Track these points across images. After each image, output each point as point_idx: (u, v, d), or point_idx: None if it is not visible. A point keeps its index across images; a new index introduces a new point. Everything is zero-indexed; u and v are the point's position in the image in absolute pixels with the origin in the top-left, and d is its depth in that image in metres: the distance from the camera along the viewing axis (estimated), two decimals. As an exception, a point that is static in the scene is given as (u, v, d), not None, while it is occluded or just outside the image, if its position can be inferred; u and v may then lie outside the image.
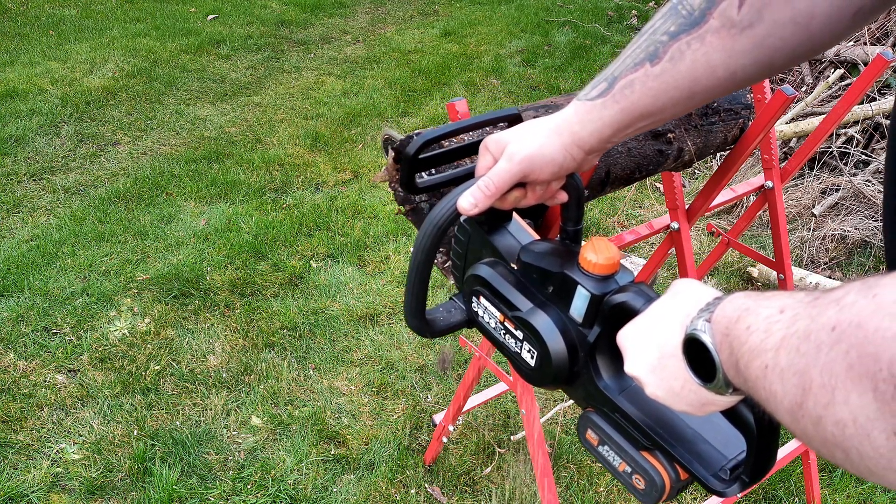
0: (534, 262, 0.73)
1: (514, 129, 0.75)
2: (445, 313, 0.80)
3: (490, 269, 0.76)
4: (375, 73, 5.07)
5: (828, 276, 3.06)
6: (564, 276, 0.70)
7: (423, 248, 0.72)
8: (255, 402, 2.30)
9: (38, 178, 3.53)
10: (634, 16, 6.54)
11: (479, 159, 0.77)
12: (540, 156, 0.72)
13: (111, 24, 5.63)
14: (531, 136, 0.73)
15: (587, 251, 0.69)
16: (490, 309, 0.76)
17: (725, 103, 1.50)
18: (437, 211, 0.72)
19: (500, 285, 0.74)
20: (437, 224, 0.71)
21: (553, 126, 0.74)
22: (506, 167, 0.72)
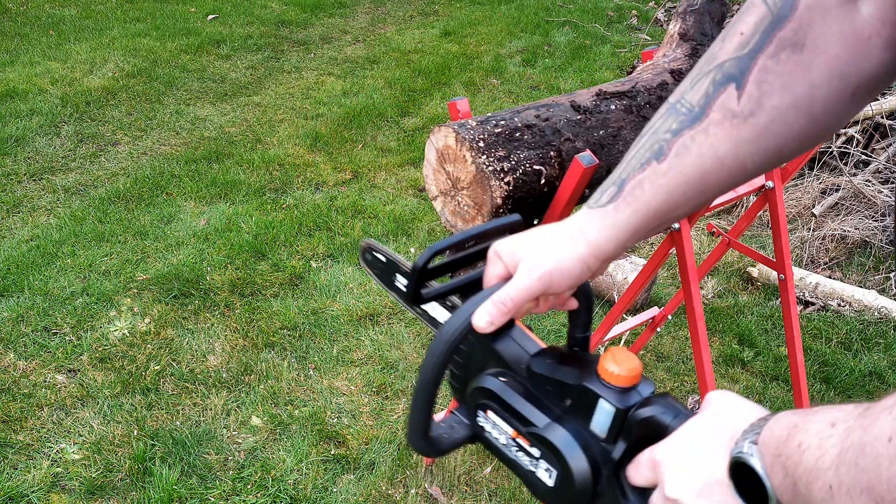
0: (548, 373, 0.69)
1: (525, 238, 0.72)
2: (448, 429, 0.76)
3: (498, 382, 0.72)
4: (375, 73, 5.07)
5: (828, 275, 3.06)
6: (584, 388, 0.66)
7: (434, 366, 0.68)
8: (255, 402, 2.30)
9: (38, 178, 3.53)
10: (634, 16, 6.54)
11: (489, 267, 0.74)
12: (558, 270, 0.70)
13: (111, 24, 5.63)
14: (547, 249, 0.70)
15: (608, 362, 0.65)
16: (500, 424, 0.71)
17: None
18: (449, 328, 0.68)
19: (511, 399, 0.70)
20: (449, 341, 0.68)
21: (567, 236, 0.71)
22: (524, 284, 0.69)
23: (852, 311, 2.84)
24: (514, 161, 1.23)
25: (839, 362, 2.59)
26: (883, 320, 2.79)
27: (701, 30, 1.59)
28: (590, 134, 1.32)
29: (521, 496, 2.04)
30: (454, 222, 1.32)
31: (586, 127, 1.32)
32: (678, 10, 1.64)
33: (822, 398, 2.44)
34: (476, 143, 1.21)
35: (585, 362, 0.68)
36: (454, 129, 1.22)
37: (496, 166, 1.21)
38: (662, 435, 0.61)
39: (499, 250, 0.73)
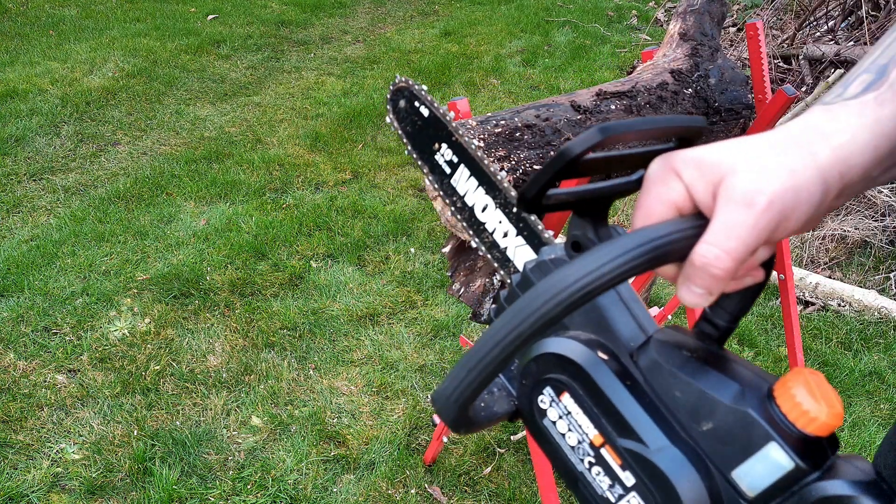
0: (685, 372, 0.45)
1: (725, 146, 0.46)
2: (486, 396, 0.53)
3: (593, 355, 0.47)
4: (375, 73, 5.07)
5: (828, 275, 3.06)
6: (747, 418, 0.43)
7: (540, 318, 0.41)
8: (255, 402, 2.30)
9: (38, 178, 3.53)
10: (634, 16, 6.54)
11: (656, 186, 0.46)
12: (794, 191, 0.43)
13: (111, 24, 5.63)
14: (771, 158, 0.44)
15: (800, 390, 0.42)
16: (577, 418, 0.48)
17: (727, 103, 1.50)
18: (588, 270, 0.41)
19: (611, 388, 0.46)
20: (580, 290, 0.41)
21: (800, 139, 0.46)
22: (750, 219, 0.42)
23: (852, 311, 2.84)
24: (515, 161, 1.23)
25: (839, 362, 2.59)
26: (883, 320, 2.79)
27: (701, 30, 1.59)
28: (590, 134, 1.32)
29: (522, 497, 2.04)
30: (454, 222, 1.32)
31: (586, 127, 1.32)
32: (678, 10, 1.64)
33: (822, 398, 2.43)
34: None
35: (748, 374, 0.45)
36: (454, 129, 1.22)
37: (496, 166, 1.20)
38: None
39: (676, 161, 0.46)
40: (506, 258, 0.96)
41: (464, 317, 2.70)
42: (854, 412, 2.39)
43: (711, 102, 1.48)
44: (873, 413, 2.41)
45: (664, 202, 0.45)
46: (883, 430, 2.34)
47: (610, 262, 0.40)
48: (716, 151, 0.45)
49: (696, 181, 0.44)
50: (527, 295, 0.41)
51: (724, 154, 0.45)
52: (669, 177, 0.46)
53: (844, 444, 2.27)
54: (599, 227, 0.50)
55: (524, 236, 0.93)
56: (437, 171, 0.94)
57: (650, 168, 0.47)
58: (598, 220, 0.50)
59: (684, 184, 0.45)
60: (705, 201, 0.44)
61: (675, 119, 0.49)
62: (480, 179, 0.93)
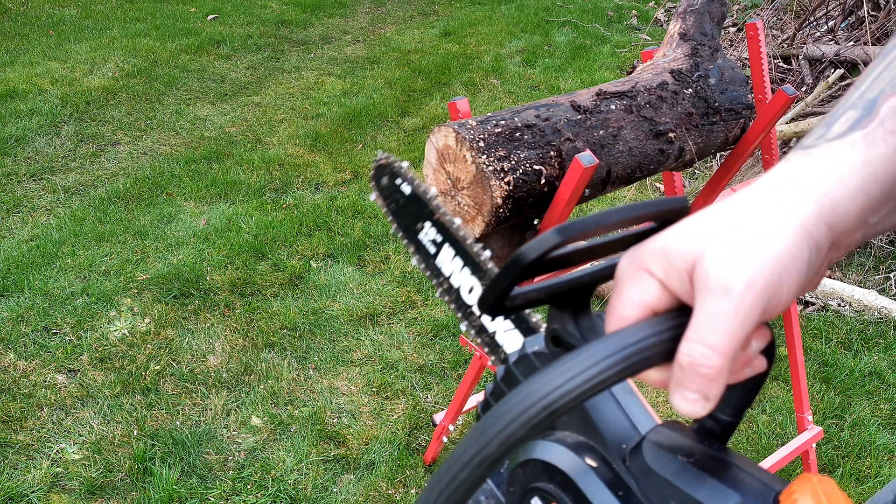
0: (678, 481, 0.40)
1: (688, 224, 0.40)
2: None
3: (580, 462, 0.43)
4: (375, 73, 5.07)
5: (828, 275, 3.06)
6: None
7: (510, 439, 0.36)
8: (255, 402, 2.30)
9: (38, 178, 3.53)
10: (634, 16, 6.54)
11: (627, 287, 0.41)
12: (777, 260, 0.38)
13: (111, 24, 5.63)
14: (743, 229, 0.39)
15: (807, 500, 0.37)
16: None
17: (727, 103, 1.50)
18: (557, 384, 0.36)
19: (600, 501, 0.42)
20: (551, 406, 0.36)
21: (773, 198, 0.40)
22: (732, 307, 0.37)
23: (852, 311, 2.84)
24: (515, 161, 1.23)
25: (839, 362, 2.59)
26: (883, 320, 2.79)
27: (701, 30, 1.59)
28: (590, 134, 1.32)
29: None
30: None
31: (586, 127, 1.32)
32: (678, 10, 1.64)
33: (822, 398, 2.44)
34: (476, 143, 1.21)
35: (752, 482, 0.40)
36: (454, 128, 1.22)
37: (496, 166, 1.21)
38: None
39: (643, 256, 0.41)
40: (495, 343, 0.90)
41: (464, 317, 2.70)
42: (854, 412, 2.39)
43: (711, 102, 1.48)
44: (873, 413, 2.40)
45: (636, 304, 0.40)
46: (883, 429, 2.34)
47: (581, 374, 0.36)
48: (683, 235, 0.40)
49: (668, 275, 0.39)
50: (493, 412, 0.37)
51: (692, 236, 0.39)
52: (639, 275, 0.40)
53: (844, 444, 2.27)
54: (580, 318, 0.45)
55: (512, 320, 0.87)
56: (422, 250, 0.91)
57: (618, 267, 0.42)
58: (579, 310, 0.45)
59: (657, 280, 0.40)
60: (685, 292, 0.39)
61: (644, 205, 0.43)
62: (465, 259, 0.90)
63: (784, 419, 2.34)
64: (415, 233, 0.88)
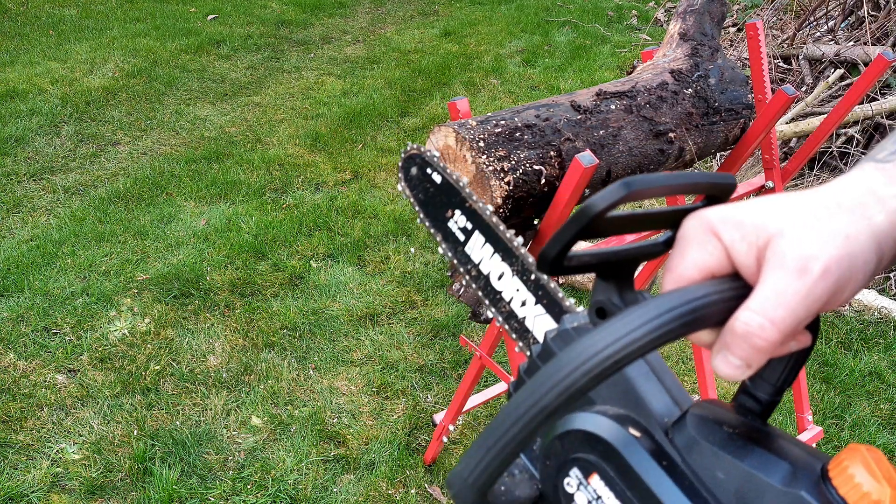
0: (728, 452, 0.41)
1: (766, 203, 0.42)
2: (506, 479, 0.49)
3: (624, 434, 0.43)
4: (375, 73, 5.07)
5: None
6: (802, 503, 0.39)
7: (564, 392, 0.37)
8: (255, 402, 2.30)
9: (38, 178, 3.53)
10: (634, 16, 6.54)
11: (690, 248, 0.42)
12: (851, 258, 0.39)
13: (111, 24, 5.63)
14: (823, 222, 0.40)
15: (859, 469, 0.38)
16: (606, 502, 0.43)
17: (727, 103, 1.50)
18: (611, 340, 0.37)
19: (645, 470, 0.41)
20: (606, 363, 0.37)
21: (849, 203, 0.41)
22: (802, 288, 0.39)
23: (852, 311, 2.84)
24: (515, 161, 1.23)
25: (839, 362, 2.59)
26: (883, 320, 2.79)
27: (701, 30, 1.59)
28: (590, 134, 1.32)
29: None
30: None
31: (586, 127, 1.32)
32: (678, 10, 1.64)
33: (822, 398, 2.44)
34: (476, 143, 1.21)
35: (799, 453, 0.41)
36: (454, 128, 1.22)
37: (496, 166, 1.21)
38: None
39: (714, 220, 0.42)
40: (524, 328, 0.90)
41: (464, 317, 2.70)
42: (854, 412, 2.39)
43: (711, 102, 1.48)
44: (873, 413, 2.41)
45: (699, 266, 0.41)
46: (883, 429, 2.34)
47: (640, 327, 0.37)
48: (758, 211, 0.41)
49: (737, 243, 0.41)
50: (548, 366, 0.38)
51: (769, 214, 0.41)
52: (706, 238, 0.42)
53: (844, 443, 2.27)
54: (625, 292, 0.46)
55: (543, 304, 0.87)
56: (451, 238, 0.90)
57: (684, 227, 0.43)
58: (624, 284, 0.46)
59: (724, 245, 0.41)
60: (748, 265, 0.40)
61: (706, 175, 0.45)
62: (496, 246, 0.89)
63: (784, 419, 2.34)
64: (443, 221, 0.87)
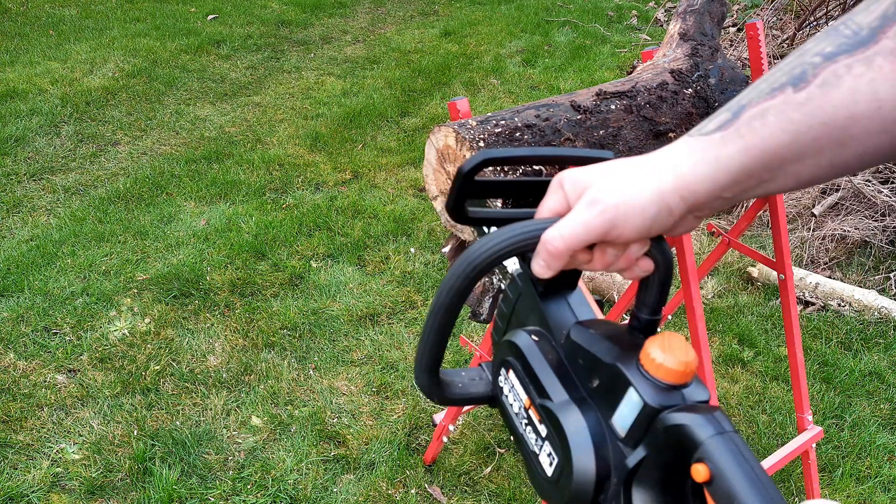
0: (584, 343, 0.57)
1: (598, 167, 0.58)
2: (466, 379, 0.65)
3: (529, 339, 0.60)
4: (375, 73, 5.07)
5: (828, 275, 3.06)
6: (616, 370, 0.53)
7: (452, 290, 0.56)
8: (255, 402, 2.30)
9: (38, 178, 3.53)
10: (634, 16, 6.54)
11: (548, 197, 0.60)
12: (626, 204, 0.54)
13: (111, 24, 5.63)
14: (620, 178, 0.56)
15: (653, 347, 0.52)
16: (517, 388, 0.60)
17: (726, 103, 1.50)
18: (477, 249, 0.56)
19: (535, 361, 0.58)
20: (474, 265, 0.55)
21: (650, 166, 0.56)
22: (584, 218, 0.55)
23: (852, 311, 2.84)
24: (514, 161, 1.23)
25: (839, 362, 2.59)
26: (883, 320, 2.79)
27: (701, 30, 1.59)
28: (590, 134, 1.32)
29: (522, 497, 2.04)
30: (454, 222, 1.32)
31: (586, 127, 1.32)
32: (678, 10, 1.64)
33: (822, 398, 2.44)
34: (476, 143, 1.21)
35: (631, 343, 0.56)
36: (454, 128, 1.22)
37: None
38: (691, 453, 0.48)
39: (563, 177, 0.59)
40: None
41: (463, 316, 2.70)
42: (854, 412, 2.39)
43: (711, 102, 1.48)
44: (873, 413, 2.41)
45: (549, 208, 0.59)
46: (883, 429, 2.34)
47: (489, 245, 0.56)
48: (588, 172, 0.58)
49: (571, 193, 0.57)
50: (446, 275, 0.57)
51: (592, 173, 0.57)
52: (557, 190, 0.59)
53: (844, 444, 2.27)
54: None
55: None
56: None
57: (550, 183, 0.60)
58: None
59: (564, 194, 0.58)
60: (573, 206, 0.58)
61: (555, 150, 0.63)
62: None
63: (784, 419, 2.34)
64: None
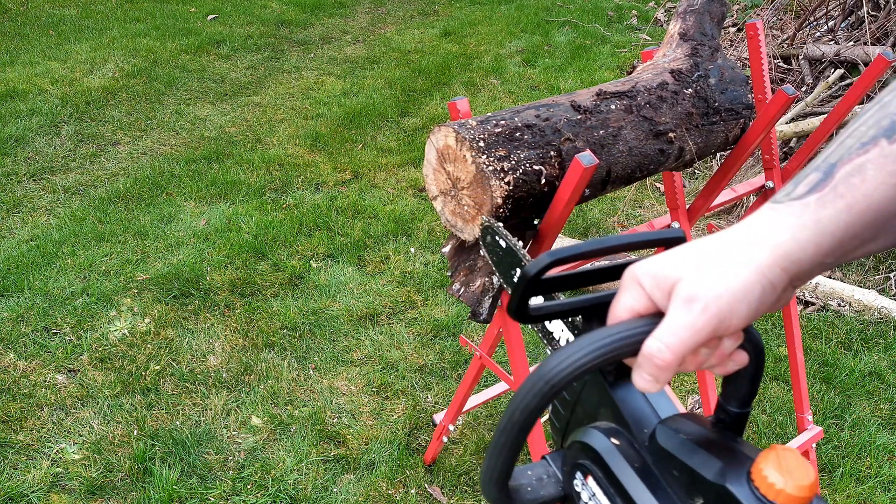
0: (678, 453, 0.51)
1: (677, 255, 0.52)
2: (535, 481, 0.61)
3: (607, 443, 0.55)
4: (375, 73, 5.07)
5: (828, 275, 3.06)
6: (727, 493, 0.48)
7: (528, 410, 0.51)
8: (255, 402, 2.30)
9: (38, 178, 3.53)
10: (634, 16, 6.54)
11: (623, 295, 0.54)
12: (731, 294, 0.49)
13: (111, 24, 5.63)
14: (712, 265, 0.50)
15: (769, 467, 0.46)
16: (600, 498, 0.55)
17: (726, 103, 1.50)
18: (556, 365, 0.50)
19: (620, 470, 0.54)
20: (553, 383, 0.50)
21: (740, 243, 0.51)
22: (687, 321, 0.49)
23: (852, 311, 2.84)
24: (515, 161, 1.23)
25: (839, 362, 2.59)
26: (883, 320, 2.79)
27: (701, 30, 1.59)
28: (590, 134, 1.32)
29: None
30: (454, 222, 1.32)
31: (586, 127, 1.32)
32: (678, 10, 1.64)
33: (822, 398, 2.44)
34: (476, 143, 1.21)
35: (736, 453, 0.50)
36: (454, 128, 1.22)
37: (496, 166, 1.21)
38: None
39: (638, 272, 0.53)
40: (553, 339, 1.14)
41: (464, 316, 2.70)
42: (854, 412, 2.39)
43: (711, 102, 1.48)
44: (873, 413, 2.41)
45: (628, 309, 0.53)
46: (883, 429, 2.34)
47: (570, 357, 0.50)
48: (668, 262, 0.52)
49: (654, 290, 0.52)
50: (518, 390, 0.52)
51: (674, 264, 0.51)
52: (633, 286, 0.53)
53: (844, 443, 2.27)
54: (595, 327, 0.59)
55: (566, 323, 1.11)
56: None
57: (622, 277, 0.55)
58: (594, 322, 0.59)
59: (645, 293, 0.52)
60: (664, 305, 0.51)
61: (631, 237, 0.57)
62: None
63: (784, 419, 2.34)
64: None
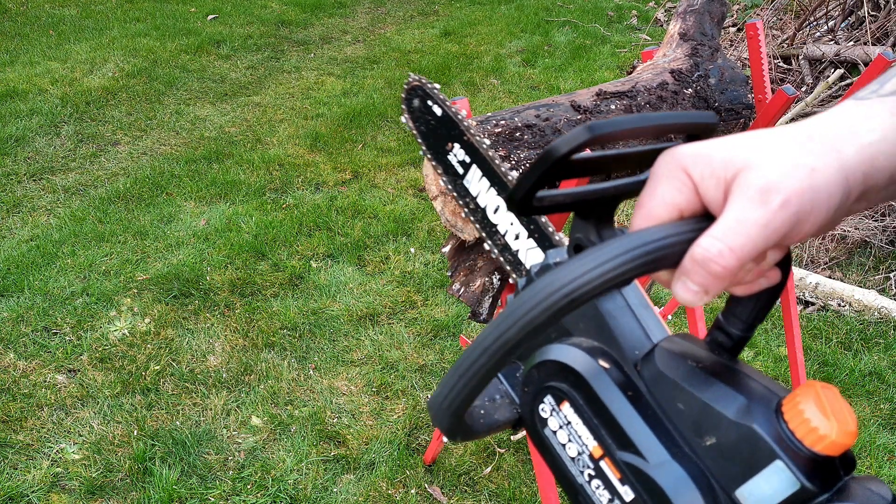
0: (687, 383, 0.42)
1: (741, 138, 0.42)
2: (486, 402, 0.51)
3: (594, 364, 0.45)
4: (375, 73, 5.07)
5: (828, 275, 3.06)
6: (753, 434, 0.39)
7: (529, 326, 0.39)
8: (255, 402, 2.30)
9: (38, 178, 3.53)
10: (634, 16, 6.54)
11: (658, 184, 0.42)
12: (813, 190, 0.39)
13: (111, 24, 5.63)
14: (792, 155, 0.40)
15: (809, 405, 0.39)
16: (576, 428, 0.46)
17: (727, 103, 1.50)
18: (572, 273, 0.38)
19: (611, 399, 0.44)
20: (570, 294, 0.38)
21: (824, 135, 0.41)
22: (761, 216, 0.39)
23: (852, 311, 2.84)
24: (515, 161, 1.23)
25: (839, 362, 2.59)
26: (883, 320, 2.79)
27: (701, 30, 1.59)
28: (590, 134, 1.32)
29: (522, 497, 2.04)
30: (454, 222, 1.32)
31: (586, 127, 1.32)
32: (678, 10, 1.64)
33: (822, 398, 2.43)
34: (476, 143, 1.21)
35: (757, 387, 0.42)
36: (454, 128, 1.22)
37: (496, 166, 1.20)
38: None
39: (685, 156, 0.41)
40: (517, 261, 0.96)
41: (464, 316, 2.70)
42: (854, 412, 2.39)
43: (711, 102, 1.48)
44: (873, 413, 2.41)
45: (668, 204, 0.42)
46: (883, 429, 2.34)
47: (600, 265, 0.38)
48: (728, 146, 0.41)
49: (706, 178, 0.41)
50: (515, 300, 0.39)
51: (739, 149, 0.40)
52: (677, 174, 0.41)
53: (844, 444, 2.27)
54: (603, 229, 0.47)
55: (535, 238, 0.93)
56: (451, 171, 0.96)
57: (656, 165, 0.43)
58: (602, 222, 0.47)
59: (693, 182, 0.41)
60: (715, 200, 0.41)
61: (676, 116, 0.44)
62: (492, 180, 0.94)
63: (784, 419, 2.33)
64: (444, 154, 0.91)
